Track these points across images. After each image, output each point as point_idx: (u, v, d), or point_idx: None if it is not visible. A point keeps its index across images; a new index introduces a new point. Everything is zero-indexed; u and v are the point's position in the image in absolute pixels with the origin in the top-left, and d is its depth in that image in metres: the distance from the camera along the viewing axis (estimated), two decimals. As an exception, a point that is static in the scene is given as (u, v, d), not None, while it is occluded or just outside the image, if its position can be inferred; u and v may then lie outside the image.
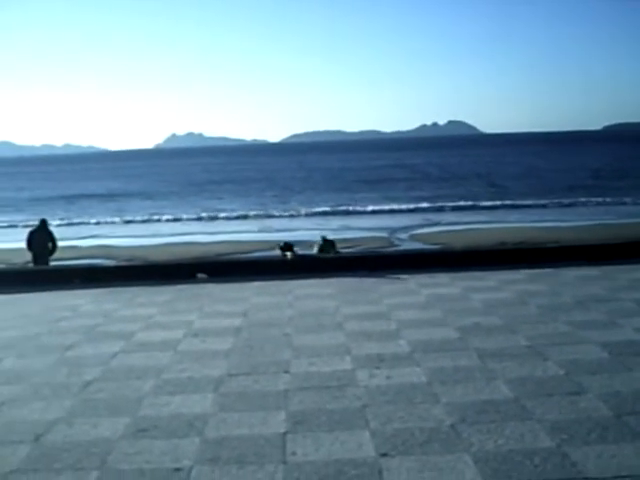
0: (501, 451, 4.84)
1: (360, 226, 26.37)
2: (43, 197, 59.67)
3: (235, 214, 38.72)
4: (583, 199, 38.48)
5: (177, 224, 35.85)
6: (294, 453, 4.94)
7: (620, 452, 4.76)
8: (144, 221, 38.10)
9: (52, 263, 15.97)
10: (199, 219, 37.51)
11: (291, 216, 37.99)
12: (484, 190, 48.70)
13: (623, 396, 5.81)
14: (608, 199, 37.64)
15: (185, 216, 38.36)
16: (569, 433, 5.09)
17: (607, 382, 6.16)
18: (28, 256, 16.31)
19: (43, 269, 14.28)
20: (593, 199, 38.31)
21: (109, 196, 58.36)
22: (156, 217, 39.16)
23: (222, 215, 38.47)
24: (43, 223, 16.31)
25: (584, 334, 7.70)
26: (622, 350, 7.06)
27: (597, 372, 6.43)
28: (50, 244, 16.01)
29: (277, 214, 38.99)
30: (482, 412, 5.54)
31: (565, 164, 75.26)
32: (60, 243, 16.96)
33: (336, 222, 30.85)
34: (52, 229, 16.72)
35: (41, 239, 16.01)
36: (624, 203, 35.61)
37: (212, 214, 38.93)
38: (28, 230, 16.64)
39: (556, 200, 38.61)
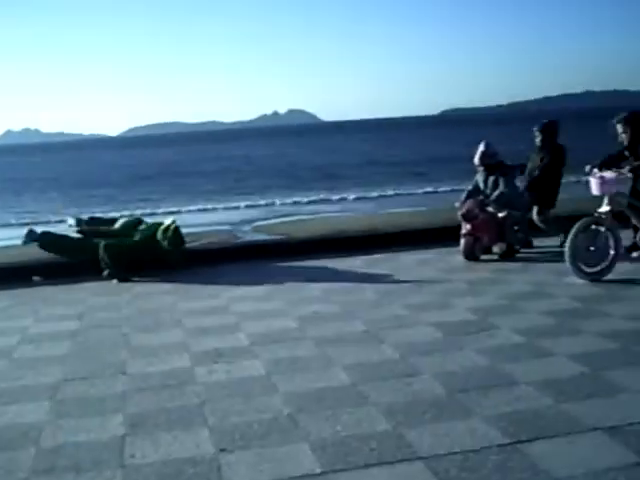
0: (338, 437, 4.91)
1: (201, 222, 26.16)
2: None
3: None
4: (420, 186, 39.29)
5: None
6: (133, 456, 4.87)
7: (453, 430, 4.92)
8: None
9: None
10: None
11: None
12: (322, 180, 49.00)
13: (456, 375, 6.00)
14: (440, 184, 38.60)
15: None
16: (404, 415, 5.22)
17: (440, 362, 6.34)
18: None
19: None
20: (432, 184, 39.20)
21: None
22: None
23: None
24: None
25: (419, 316, 7.90)
26: (455, 330, 7.29)
27: (431, 353, 6.61)
28: None
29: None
30: (320, 400, 5.61)
31: (402, 150, 76.86)
32: None
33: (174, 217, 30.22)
34: None
35: None
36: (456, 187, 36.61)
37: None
38: None
39: (391, 187, 39.31)
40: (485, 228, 10.90)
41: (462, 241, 11.07)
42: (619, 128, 9.80)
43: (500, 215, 10.90)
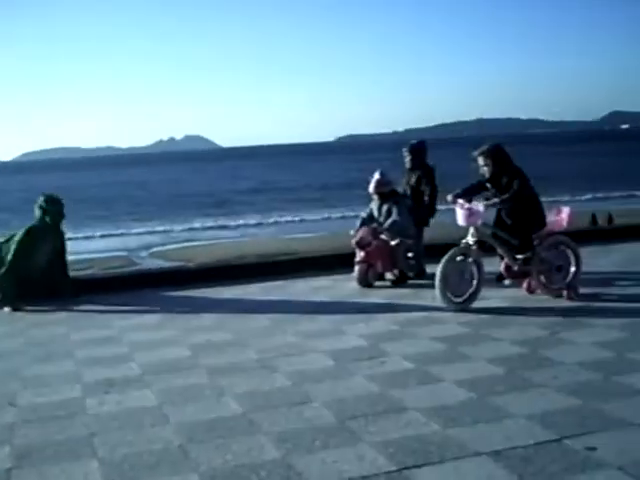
0: (229, 467, 4.92)
1: (97, 248, 25.80)
2: None
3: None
4: (316, 212, 39.55)
5: None
6: (18, 489, 4.79)
7: (342, 457, 4.98)
8: None
9: None
10: None
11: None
12: (219, 206, 48.87)
13: (346, 402, 6.06)
14: (335, 210, 38.96)
15: None
16: (294, 443, 5.25)
17: (331, 389, 6.40)
18: None
19: None
20: (327, 211, 39.50)
21: None
22: None
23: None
24: None
25: (312, 343, 7.97)
26: (346, 357, 7.37)
27: (322, 380, 6.67)
28: None
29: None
30: (211, 430, 5.60)
31: (299, 176, 77.28)
32: None
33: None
34: None
35: None
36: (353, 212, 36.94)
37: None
38: None
39: (287, 213, 39.51)
40: (378, 255, 11.07)
41: (356, 268, 11.21)
42: (480, 161, 9.84)
43: (393, 243, 11.08)
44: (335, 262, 12.79)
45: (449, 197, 9.76)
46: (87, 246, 27.86)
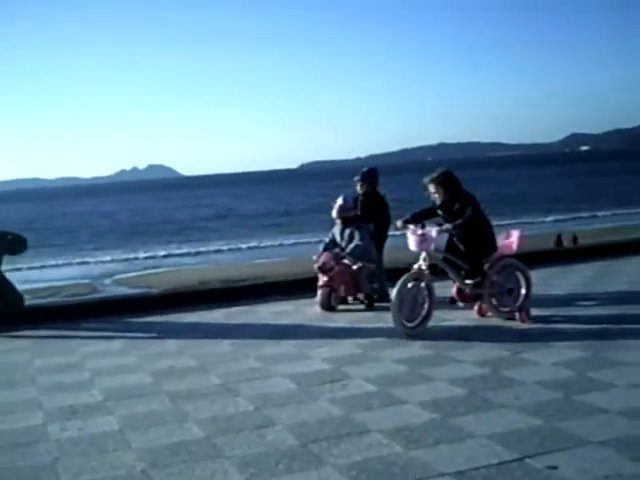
0: (192, 492, 4.91)
1: (59, 276, 25.61)
2: None
3: None
4: (278, 238, 39.64)
5: None
6: (-22, 519, 4.75)
7: (305, 480, 4.99)
8: None
9: None
10: None
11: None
12: (182, 233, 48.77)
13: (309, 425, 6.07)
14: (298, 236, 39.09)
15: None
16: (257, 467, 5.25)
17: (294, 413, 6.40)
18: None
19: None
20: (291, 236, 39.61)
21: None
22: None
23: None
24: None
25: (274, 368, 7.97)
26: (309, 380, 7.38)
27: (285, 404, 6.67)
28: None
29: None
30: (173, 454, 5.59)
31: (262, 203, 77.39)
32: None
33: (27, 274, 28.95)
34: None
35: None
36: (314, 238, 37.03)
37: None
38: None
39: (250, 239, 39.55)
40: (341, 279, 11.13)
41: (319, 292, 11.25)
42: (431, 188, 9.84)
43: (355, 267, 11.13)
44: (298, 287, 12.83)
45: (398, 223, 9.86)
46: (49, 274, 27.69)
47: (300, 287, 12.75)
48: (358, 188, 12.04)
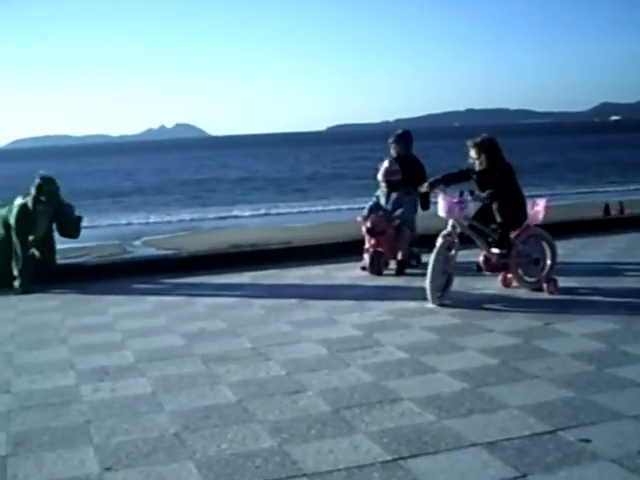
0: (224, 455, 4.93)
1: (88, 236, 25.74)
2: None
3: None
4: (305, 203, 39.62)
5: None
6: (15, 476, 4.78)
7: (337, 446, 4.99)
8: None
9: None
10: None
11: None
12: (207, 196, 48.74)
13: (341, 391, 6.08)
14: (325, 202, 39.06)
15: None
16: (289, 432, 5.27)
17: (326, 379, 6.41)
18: None
19: None
20: (316, 202, 39.56)
21: None
22: None
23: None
24: None
25: (305, 333, 7.98)
26: (340, 346, 7.39)
27: (317, 369, 6.68)
28: None
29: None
30: (205, 417, 5.62)
31: (288, 166, 77.28)
32: None
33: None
34: None
35: None
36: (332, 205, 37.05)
37: None
38: None
39: (278, 205, 39.53)
40: (389, 243, 11.07)
41: (366, 255, 11.21)
42: (473, 153, 9.59)
43: (401, 231, 11.08)
44: (327, 251, 12.83)
45: (424, 186, 9.76)
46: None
47: (329, 252, 12.76)
48: (392, 151, 11.96)
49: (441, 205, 9.33)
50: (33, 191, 11.00)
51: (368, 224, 11.13)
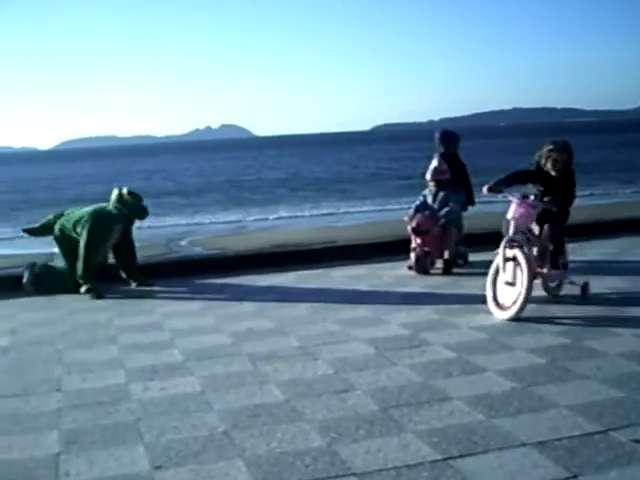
0: (273, 454, 4.95)
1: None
2: None
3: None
4: (347, 204, 39.44)
5: None
6: (67, 474, 4.84)
7: (386, 446, 4.99)
8: None
9: None
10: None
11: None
12: (247, 197, 48.66)
13: (389, 390, 6.08)
14: (370, 201, 38.91)
15: None
16: (338, 431, 5.27)
17: (374, 378, 6.41)
18: None
19: None
20: (355, 203, 39.38)
21: None
22: None
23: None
24: None
25: (352, 332, 7.98)
26: (387, 346, 7.38)
27: (364, 369, 6.69)
28: None
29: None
30: (254, 416, 5.64)
31: (327, 167, 77.28)
32: None
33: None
34: None
35: None
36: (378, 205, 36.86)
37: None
38: None
39: (316, 205, 39.45)
40: (435, 242, 11.05)
41: (412, 254, 11.20)
42: (554, 154, 8.88)
43: (447, 230, 11.07)
44: (372, 251, 12.84)
45: (485, 188, 8.90)
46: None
47: (374, 251, 12.77)
48: (438, 150, 11.97)
49: (515, 208, 8.63)
50: (114, 200, 11.04)
51: (414, 223, 11.12)
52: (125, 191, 10.99)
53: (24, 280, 11.03)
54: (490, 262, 8.81)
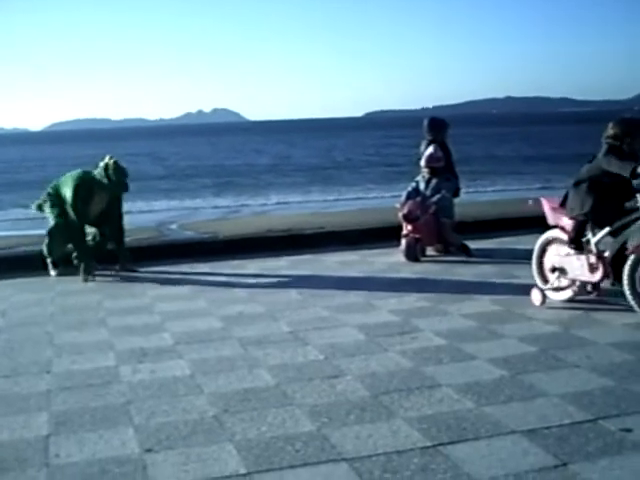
0: (263, 438, 4.95)
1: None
2: None
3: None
4: (339, 190, 39.39)
5: None
6: (57, 455, 4.84)
7: (376, 431, 5.00)
8: None
9: None
10: None
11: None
12: (235, 183, 48.45)
13: (379, 376, 6.09)
14: (356, 188, 38.91)
15: None
16: (328, 416, 5.28)
17: (364, 364, 6.42)
18: None
19: None
20: (348, 188, 39.35)
21: None
22: None
23: None
24: None
25: (342, 318, 7.99)
26: (378, 332, 7.38)
27: (355, 354, 6.69)
28: None
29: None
30: (245, 400, 5.65)
31: (317, 152, 77.16)
32: None
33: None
34: None
35: None
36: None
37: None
38: None
39: (316, 188, 39.40)
40: (426, 230, 11.05)
41: (403, 241, 11.20)
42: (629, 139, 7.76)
43: (440, 222, 11.07)
44: (363, 237, 12.82)
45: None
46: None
47: (365, 238, 12.76)
48: (427, 137, 11.96)
49: None
50: (100, 170, 10.82)
51: (405, 210, 11.14)
52: (111, 162, 10.83)
53: (80, 275, 10.80)
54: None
